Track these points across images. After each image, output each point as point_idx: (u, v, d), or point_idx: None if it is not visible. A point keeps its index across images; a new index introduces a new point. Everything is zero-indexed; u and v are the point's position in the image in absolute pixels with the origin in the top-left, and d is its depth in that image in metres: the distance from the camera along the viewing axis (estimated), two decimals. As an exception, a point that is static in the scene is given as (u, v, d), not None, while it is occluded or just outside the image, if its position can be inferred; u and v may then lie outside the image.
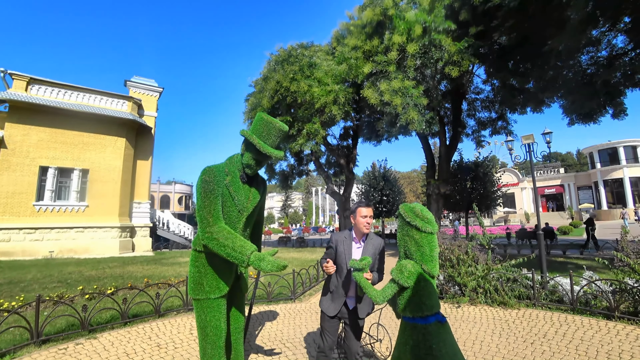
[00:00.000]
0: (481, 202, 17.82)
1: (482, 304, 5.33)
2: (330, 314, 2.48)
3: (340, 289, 2.51)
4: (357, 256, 2.51)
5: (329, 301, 2.54)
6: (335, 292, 2.52)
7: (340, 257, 2.52)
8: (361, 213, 2.50)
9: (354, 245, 2.55)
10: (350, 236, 2.57)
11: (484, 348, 3.65)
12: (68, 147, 15.91)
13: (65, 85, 16.34)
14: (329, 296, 2.57)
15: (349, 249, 2.53)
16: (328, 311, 2.50)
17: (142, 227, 18.38)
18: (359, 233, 2.54)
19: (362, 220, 2.49)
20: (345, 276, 2.50)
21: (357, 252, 2.53)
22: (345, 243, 2.55)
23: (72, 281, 8.30)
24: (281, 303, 6.01)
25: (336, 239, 2.58)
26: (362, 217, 2.49)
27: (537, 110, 14.70)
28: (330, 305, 2.52)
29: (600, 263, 4.90)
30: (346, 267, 2.47)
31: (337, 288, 2.52)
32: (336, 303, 2.50)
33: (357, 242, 2.56)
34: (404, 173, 70.78)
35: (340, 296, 2.51)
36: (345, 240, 2.56)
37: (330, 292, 2.57)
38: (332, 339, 2.54)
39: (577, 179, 42.96)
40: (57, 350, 3.76)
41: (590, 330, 4.00)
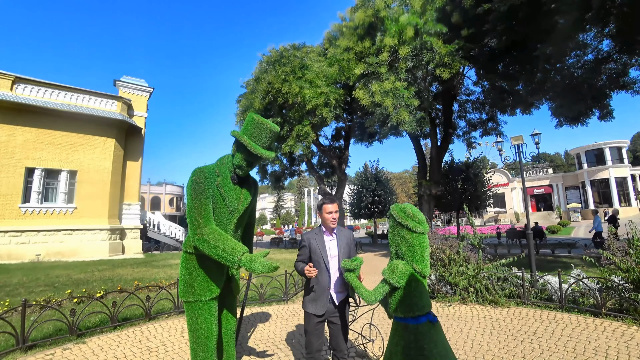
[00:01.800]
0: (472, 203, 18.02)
1: (473, 303, 5.39)
2: (319, 313, 2.45)
3: (322, 285, 2.49)
4: (332, 248, 2.56)
5: (313, 301, 2.50)
6: (318, 290, 2.49)
7: (315, 253, 2.53)
8: (326, 210, 2.57)
9: (326, 238, 2.59)
10: (320, 232, 2.63)
11: (475, 346, 3.69)
12: (55, 147, 15.59)
13: (52, 84, 16.02)
14: (312, 296, 2.52)
15: (322, 243, 2.56)
16: (315, 311, 2.46)
17: (132, 229, 18.10)
18: (328, 228, 2.60)
19: (328, 216, 2.56)
20: (325, 271, 2.50)
21: (332, 245, 2.58)
22: (318, 239, 2.59)
23: (60, 285, 8.12)
24: (273, 304, 5.97)
25: (307, 237, 2.61)
26: (328, 213, 2.56)
27: (526, 112, 14.96)
28: (316, 304, 2.47)
29: (587, 261, 5.00)
30: (323, 262, 2.49)
31: (318, 285, 2.49)
32: (322, 301, 2.47)
33: (328, 235, 2.61)
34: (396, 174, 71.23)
35: (324, 292, 2.48)
36: (317, 236, 2.60)
37: (312, 291, 2.54)
38: (320, 340, 2.51)
39: (565, 179, 43.83)
40: (44, 356, 3.67)
41: (578, 328, 4.08)
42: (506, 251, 13.17)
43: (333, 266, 2.53)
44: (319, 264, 2.50)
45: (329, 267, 2.50)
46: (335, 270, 2.53)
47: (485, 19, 10.28)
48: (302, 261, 2.59)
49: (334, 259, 2.55)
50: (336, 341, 2.53)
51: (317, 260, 2.51)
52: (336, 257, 2.56)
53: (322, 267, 2.50)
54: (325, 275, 2.50)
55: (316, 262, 2.51)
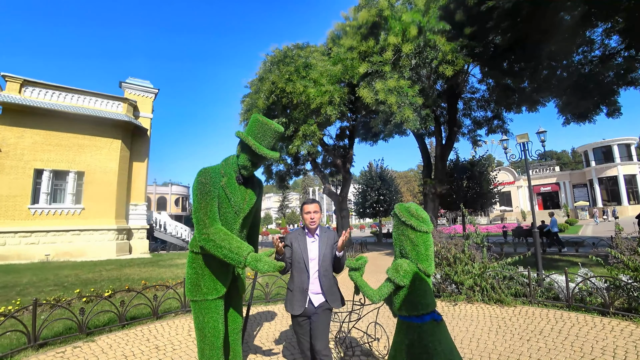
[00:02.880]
0: (477, 201, 17.94)
1: (479, 302, 5.37)
2: (296, 313, 2.44)
3: (300, 286, 2.48)
4: (313, 250, 2.54)
5: (291, 300, 2.50)
6: (297, 290, 2.49)
7: (296, 253, 2.53)
8: (305, 210, 2.57)
9: (308, 240, 2.57)
10: (303, 232, 2.61)
11: (481, 345, 3.69)
12: (63, 149, 15.82)
13: (59, 87, 16.25)
14: (290, 295, 2.53)
15: (304, 244, 2.55)
16: (293, 311, 2.46)
17: (139, 229, 18.31)
18: (309, 228, 2.58)
19: (307, 217, 2.55)
20: (304, 272, 2.50)
21: (313, 246, 2.56)
22: (300, 239, 2.57)
23: (69, 284, 8.26)
24: (279, 303, 6.01)
25: (291, 237, 2.61)
26: (306, 213, 2.56)
27: (532, 109, 14.82)
28: (293, 305, 2.47)
29: (593, 260, 4.95)
30: (304, 263, 2.49)
31: (297, 285, 2.49)
32: (299, 301, 2.46)
33: (310, 236, 2.59)
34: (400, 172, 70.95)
35: (302, 292, 2.47)
36: (299, 236, 2.58)
37: (291, 290, 2.54)
38: (307, 338, 2.51)
39: (573, 177, 43.32)
40: (55, 354, 3.74)
41: (585, 327, 4.04)
42: (512, 250, 13.07)
43: (312, 268, 2.51)
44: (299, 265, 2.50)
45: (308, 268, 2.49)
46: (315, 273, 2.51)
47: (489, 16, 10.20)
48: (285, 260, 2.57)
49: (313, 261, 2.52)
50: (313, 341, 2.46)
51: (298, 260, 2.51)
52: (316, 259, 2.52)
53: (302, 268, 2.50)
54: (304, 277, 2.49)
55: (296, 263, 2.52)
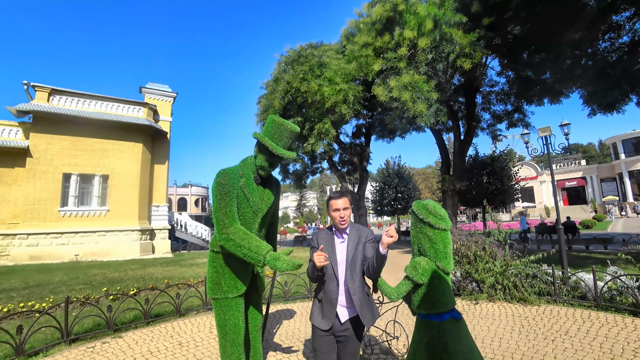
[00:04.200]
0: (498, 197, 17.45)
1: (501, 300, 5.25)
2: (323, 328, 2.08)
3: (329, 296, 2.11)
4: (341, 252, 2.17)
5: (319, 313, 2.13)
6: (325, 300, 2.12)
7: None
8: (333, 206, 2.17)
9: (336, 240, 2.21)
10: (331, 232, 2.25)
11: (503, 345, 3.60)
12: (88, 154, 16.49)
13: (84, 94, 16.94)
14: (318, 306, 2.16)
15: (332, 246, 2.19)
16: (321, 324, 2.09)
17: (161, 229, 18.86)
18: (337, 228, 2.21)
19: (335, 215, 2.16)
20: (333, 279, 2.11)
21: (341, 248, 2.19)
22: (328, 240, 2.21)
23: (97, 283, 8.62)
24: (298, 302, 6.07)
25: (318, 237, 2.26)
26: (334, 210, 2.16)
27: (555, 101, 14.27)
28: (322, 317, 2.11)
29: (623, 259, 4.72)
30: (332, 268, 2.11)
31: (326, 295, 2.12)
32: (328, 314, 2.09)
33: (339, 236, 2.22)
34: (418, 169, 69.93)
35: (330, 304, 2.10)
36: (327, 237, 2.23)
37: (319, 300, 2.17)
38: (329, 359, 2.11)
39: (600, 170, 41.36)
40: (86, 349, 3.93)
41: (615, 327, 3.88)
42: (536, 247, 12.65)
43: (342, 274, 2.13)
44: (327, 271, 2.12)
45: (337, 274, 2.11)
46: (343, 279, 2.13)
47: (508, 6, 9.90)
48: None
49: (341, 265, 2.15)
50: None
51: (326, 265, 2.10)
52: (344, 261, 2.16)
53: (330, 275, 2.12)
54: (332, 285, 2.11)
55: (325, 268, 2.12)
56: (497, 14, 10.41)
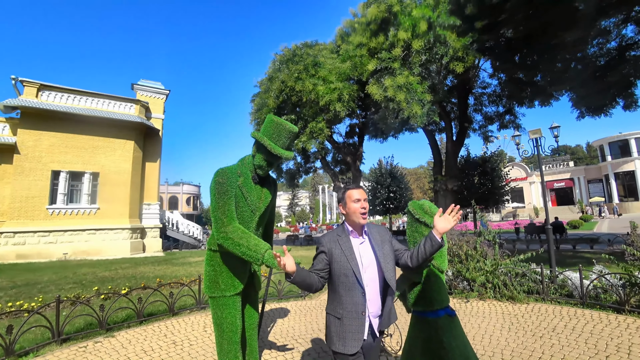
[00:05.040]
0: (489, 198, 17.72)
1: (491, 298, 5.36)
2: (351, 352, 1.65)
3: (354, 309, 1.69)
4: (365, 255, 1.78)
5: (341, 333, 1.69)
6: (349, 317, 1.69)
7: (339, 263, 1.74)
8: (352, 196, 1.80)
9: (354, 241, 1.80)
10: (344, 232, 1.83)
11: (493, 342, 3.69)
12: (78, 151, 16.22)
13: (74, 90, 16.64)
14: (337, 326, 1.71)
15: (349, 249, 1.76)
16: (346, 349, 1.66)
17: (152, 228, 18.67)
18: (356, 225, 1.82)
19: (356, 207, 1.78)
20: (356, 288, 1.71)
21: (364, 250, 1.79)
22: (342, 242, 1.78)
23: (87, 282, 8.51)
24: (292, 300, 6.10)
25: (326, 240, 1.82)
26: (354, 201, 1.79)
27: (545, 103, 14.54)
28: (345, 340, 1.67)
29: (607, 258, 4.88)
30: (354, 275, 1.71)
31: (349, 310, 1.70)
32: (354, 333, 1.68)
33: (356, 236, 1.83)
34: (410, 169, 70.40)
35: (358, 318, 1.69)
36: (340, 238, 1.80)
37: (338, 319, 1.71)
38: None
39: (588, 172, 42.28)
40: (78, 349, 3.90)
41: (600, 324, 4.01)
42: (525, 247, 12.90)
43: (369, 280, 1.74)
44: (347, 279, 1.71)
45: (362, 281, 1.70)
46: (374, 286, 1.76)
47: (501, 8, 10.04)
48: (317, 274, 1.77)
49: (369, 269, 1.76)
50: None
51: (345, 273, 1.72)
52: (373, 264, 1.77)
53: (352, 283, 1.71)
54: (357, 295, 1.70)
55: (342, 277, 1.72)
56: (491, 17, 10.54)
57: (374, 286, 1.75)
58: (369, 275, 1.74)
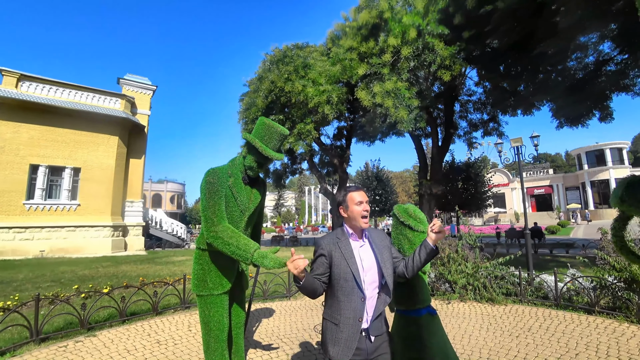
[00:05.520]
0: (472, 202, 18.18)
1: (471, 300, 5.53)
2: (345, 358, 1.61)
3: (352, 315, 1.65)
4: (365, 258, 1.73)
5: (336, 339, 1.65)
6: (346, 323, 1.65)
7: (339, 267, 1.69)
8: (354, 199, 1.77)
9: (354, 244, 1.75)
10: (344, 235, 1.78)
11: (472, 341, 3.84)
12: (59, 145, 15.76)
13: (56, 82, 16.17)
14: (333, 331, 1.67)
15: (349, 252, 1.71)
16: (339, 355, 1.62)
17: (135, 226, 18.30)
18: (356, 228, 1.78)
19: (358, 209, 1.74)
20: (356, 293, 1.66)
21: (365, 252, 1.76)
22: (342, 245, 1.73)
23: (66, 280, 8.30)
24: (277, 300, 6.13)
25: (325, 243, 1.76)
26: (357, 204, 1.76)
27: (527, 112, 15.04)
28: (339, 345, 1.63)
29: (581, 261, 5.14)
30: (354, 279, 1.67)
31: (346, 315, 1.66)
32: (348, 339, 1.63)
33: (356, 239, 1.78)
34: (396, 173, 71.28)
35: (354, 325, 1.64)
36: (340, 241, 1.75)
37: (335, 324, 1.67)
38: None
39: (566, 179, 43.94)
40: (58, 348, 3.82)
41: (572, 324, 4.22)
42: (505, 250, 13.30)
43: (370, 284, 1.70)
44: (346, 283, 1.67)
45: (362, 285, 1.66)
46: (375, 290, 1.72)
47: (488, 20, 10.37)
48: (318, 279, 1.70)
49: (369, 273, 1.71)
50: None
51: (344, 277, 1.67)
52: (374, 268, 1.73)
53: (351, 288, 1.67)
54: (355, 300, 1.66)
55: (341, 281, 1.68)
56: (478, 27, 10.87)
57: (374, 290, 1.71)
58: (369, 279, 1.70)
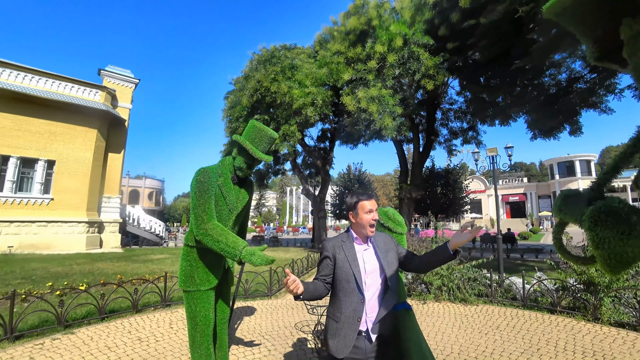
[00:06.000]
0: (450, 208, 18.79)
1: (446, 300, 5.81)
2: (340, 356, 1.70)
3: (352, 315, 1.74)
4: (368, 261, 1.83)
5: (337, 336, 1.74)
6: (346, 321, 1.74)
7: (342, 269, 1.79)
8: (366, 208, 1.82)
9: (358, 248, 1.85)
10: (349, 238, 1.88)
11: (445, 338, 4.08)
12: (33, 135, 15.12)
13: (32, 69, 15.51)
14: (334, 328, 1.76)
15: (352, 255, 1.81)
16: (337, 351, 1.71)
17: (112, 222, 17.77)
18: (362, 234, 1.87)
19: (368, 218, 1.81)
20: (355, 294, 1.75)
21: (368, 257, 1.85)
22: (347, 248, 1.83)
23: (38, 278, 8.02)
24: (258, 299, 6.20)
25: (331, 245, 1.87)
26: (367, 212, 1.82)
27: (504, 123, 15.75)
28: (337, 341, 1.72)
29: (548, 265, 5.53)
30: (355, 280, 1.76)
31: (346, 314, 1.75)
32: (346, 336, 1.72)
33: (361, 242, 1.88)
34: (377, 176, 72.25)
35: (353, 324, 1.73)
36: (345, 244, 1.85)
37: (336, 321, 1.76)
38: None
39: (538, 188, 46.00)
40: (34, 346, 3.75)
41: (536, 323, 4.56)
42: (479, 254, 13.86)
43: (369, 285, 1.78)
44: (348, 285, 1.76)
45: (362, 287, 1.76)
46: (375, 292, 1.80)
47: (471, 33, 10.84)
48: (323, 280, 1.81)
49: (371, 275, 1.80)
50: None
51: (346, 278, 1.77)
52: (377, 271, 1.82)
53: (352, 289, 1.76)
54: (355, 299, 1.75)
55: (344, 282, 1.77)
56: (461, 40, 11.34)
57: (375, 292, 1.80)
58: (370, 281, 1.79)
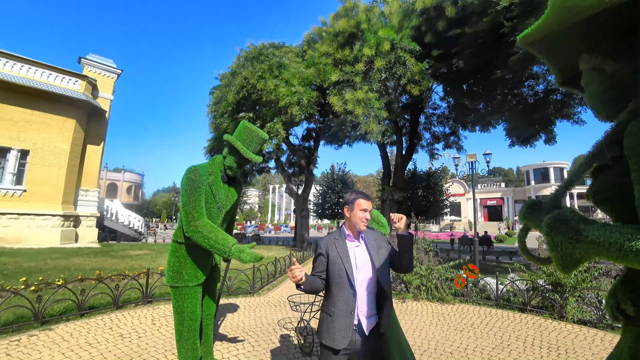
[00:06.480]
0: (430, 210, 19.27)
1: (424, 300, 6.03)
2: (337, 347, 1.79)
3: (345, 308, 1.83)
4: (359, 257, 1.92)
5: (330, 328, 1.82)
6: (339, 314, 1.83)
7: (334, 264, 1.88)
8: (361, 206, 1.93)
9: (349, 244, 1.95)
10: (341, 235, 1.98)
11: (422, 335, 4.27)
12: (5, 123, 14.45)
13: (7, 54, 14.82)
14: (328, 321, 1.85)
15: (344, 251, 1.91)
16: (332, 343, 1.79)
17: (89, 216, 17.22)
18: (354, 230, 1.97)
19: (361, 215, 1.92)
20: (346, 288, 1.85)
21: (360, 252, 1.94)
22: (338, 245, 1.93)
23: (10, 273, 7.74)
24: (240, 297, 6.23)
25: (324, 242, 1.98)
26: (362, 210, 1.93)
27: (485, 129, 16.34)
28: (333, 334, 1.80)
29: (520, 267, 5.87)
30: (346, 275, 1.85)
31: (340, 308, 1.83)
32: (343, 329, 1.81)
33: (352, 239, 1.98)
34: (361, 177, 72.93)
35: (347, 316, 1.82)
36: (337, 241, 1.95)
37: (330, 315, 1.86)
38: None
39: (515, 193, 47.82)
40: (10, 342, 3.65)
41: (507, 321, 4.84)
42: (457, 256, 14.33)
43: (361, 281, 1.87)
44: (340, 280, 1.86)
45: (353, 281, 1.85)
46: (366, 286, 1.88)
47: (455, 42, 11.19)
48: (319, 276, 1.90)
49: (362, 270, 1.89)
50: None
51: (338, 273, 1.86)
52: (368, 265, 1.91)
53: (344, 284, 1.85)
54: (347, 293, 1.84)
55: (336, 277, 1.87)
56: (446, 47, 11.68)
57: (366, 287, 1.88)
58: (362, 277, 1.88)
